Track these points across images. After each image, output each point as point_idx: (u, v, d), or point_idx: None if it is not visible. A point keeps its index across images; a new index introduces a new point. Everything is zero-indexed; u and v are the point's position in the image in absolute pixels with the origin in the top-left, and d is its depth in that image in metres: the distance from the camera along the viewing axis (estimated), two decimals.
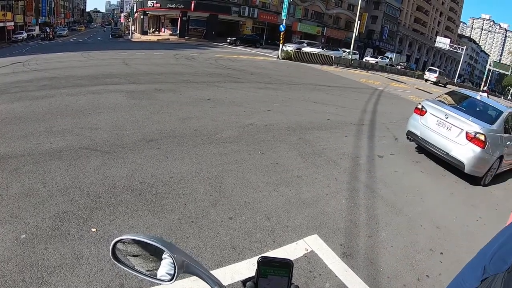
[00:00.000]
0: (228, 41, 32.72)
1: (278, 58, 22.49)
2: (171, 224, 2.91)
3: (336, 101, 9.99)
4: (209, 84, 9.60)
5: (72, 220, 2.76)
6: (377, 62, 33.75)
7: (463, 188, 5.29)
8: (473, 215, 4.36)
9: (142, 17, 42.32)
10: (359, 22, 28.81)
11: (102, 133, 4.80)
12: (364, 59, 36.48)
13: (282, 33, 22.69)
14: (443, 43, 49.39)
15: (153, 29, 44.71)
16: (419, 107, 6.11)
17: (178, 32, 37.00)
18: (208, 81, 10.30)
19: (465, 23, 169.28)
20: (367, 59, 35.87)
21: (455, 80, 37.75)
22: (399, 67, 38.37)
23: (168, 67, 12.66)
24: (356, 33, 28.39)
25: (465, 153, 5.22)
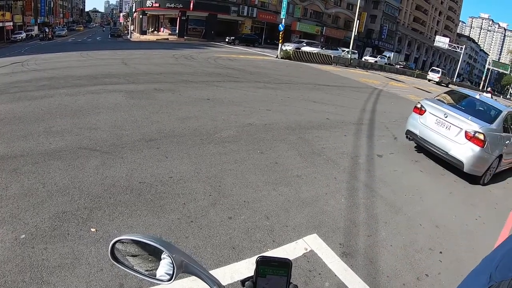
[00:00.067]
0: (226, 40, 32.73)
1: (277, 57, 22.49)
2: (170, 224, 2.91)
3: (335, 101, 9.99)
4: (208, 84, 9.60)
5: (72, 220, 2.76)
6: (376, 62, 33.77)
7: (462, 187, 5.30)
8: (472, 214, 4.36)
9: (141, 16, 42.24)
10: (358, 21, 28.81)
11: (101, 133, 4.79)
12: (363, 58, 36.46)
13: (281, 33, 22.70)
14: (442, 42, 49.45)
15: (152, 29, 44.63)
16: (418, 106, 6.11)
17: (177, 31, 36.92)
18: (207, 80, 10.30)
19: (464, 22, 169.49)
20: (366, 59, 35.88)
21: (453, 80, 37.83)
22: (398, 66, 38.38)
23: (167, 66, 12.65)
24: (355, 33, 28.38)
25: (464, 152, 5.23)
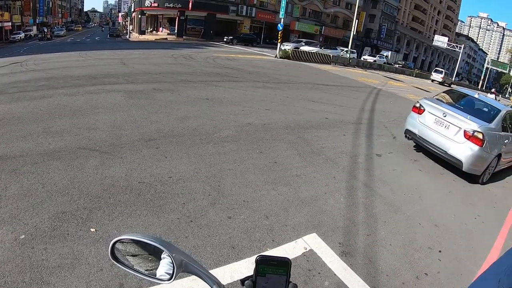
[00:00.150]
0: (224, 40, 32.63)
1: (276, 57, 22.48)
2: (170, 223, 2.92)
3: (334, 100, 10.00)
4: (207, 84, 9.59)
5: (71, 220, 2.76)
6: (375, 61, 33.82)
7: (461, 186, 5.31)
8: (471, 213, 4.38)
9: (140, 16, 42.20)
10: (357, 21, 28.84)
11: (101, 133, 4.79)
12: (362, 58, 36.51)
13: (280, 32, 22.71)
14: (441, 41, 49.50)
15: (151, 29, 44.59)
16: (417, 105, 6.12)
17: (176, 31, 36.84)
18: (206, 80, 10.30)
19: (463, 22, 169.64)
20: (365, 58, 35.92)
21: (452, 79, 37.91)
22: (397, 65, 38.40)
23: (166, 66, 12.63)
24: (354, 32, 28.41)
25: (463, 151, 5.23)
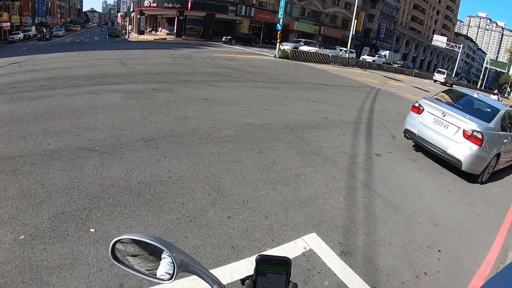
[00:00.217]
0: (223, 40, 32.55)
1: (275, 57, 22.48)
2: (169, 223, 2.92)
3: (334, 100, 10.00)
4: (206, 84, 9.59)
5: (71, 220, 2.76)
6: (374, 61, 33.80)
7: (460, 186, 5.32)
8: (470, 212, 4.39)
9: (138, 16, 42.15)
10: (356, 20, 28.79)
11: (100, 133, 4.79)
12: (361, 57, 36.52)
13: (279, 32, 22.70)
14: (440, 41, 49.61)
15: (150, 29, 44.55)
16: (416, 105, 6.12)
17: (175, 31, 36.81)
18: (205, 80, 10.29)
19: (462, 22, 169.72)
20: (364, 58, 35.94)
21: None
22: (396, 65, 38.42)
23: (165, 66, 12.63)
24: (353, 32, 28.39)
25: (462, 151, 5.24)
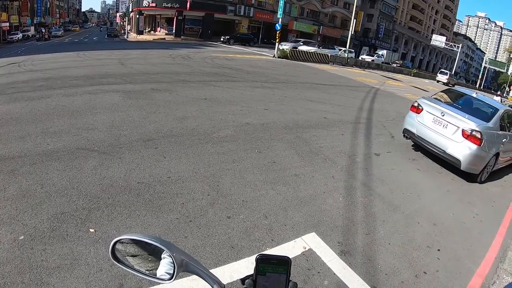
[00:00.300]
0: (222, 40, 32.47)
1: (274, 57, 22.47)
2: (169, 223, 2.92)
3: (333, 100, 10.01)
4: (205, 84, 9.59)
5: (70, 221, 2.76)
6: (373, 60, 33.83)
7: (459, 185, 5.33)
8: (469, 212, 4.39)
9: (137, 16, 42.07)
10: (355, 20, 28.84)
11: (99, 133, 4.78)
12: (360, 57, 36.55)
13: (278, 32, 22.68)
14: (438, 41, 49.65)
15: (149, 29, 44.49)
16: (415, 105, 6.13)
17: (174, 31, 36.76)
18: (204, 80, 10.29)
19: (461, 21, 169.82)
20: (363, 58, 35.96)
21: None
22: (395, 65, 38.45)
23: (164, 66, 12.61)
24: (352, 32, 28.41)
25: (461, 150, 5.25)
